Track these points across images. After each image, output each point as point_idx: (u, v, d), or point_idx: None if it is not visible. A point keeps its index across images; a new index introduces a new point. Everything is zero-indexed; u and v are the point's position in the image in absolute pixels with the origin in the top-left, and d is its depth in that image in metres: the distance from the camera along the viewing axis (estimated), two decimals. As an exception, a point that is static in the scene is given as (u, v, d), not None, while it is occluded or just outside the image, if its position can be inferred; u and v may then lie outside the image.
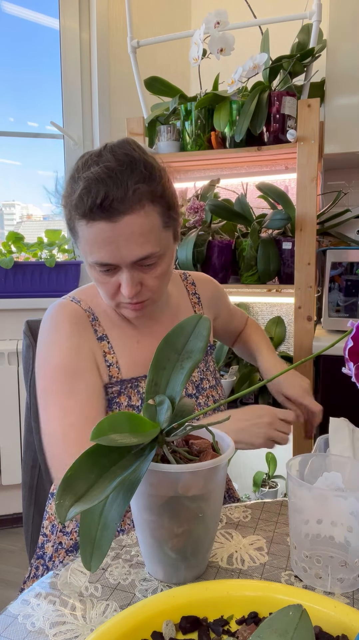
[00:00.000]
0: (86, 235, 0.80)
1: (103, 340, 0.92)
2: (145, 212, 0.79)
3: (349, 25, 1.65)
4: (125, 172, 0.78)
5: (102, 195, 0.76)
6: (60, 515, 0.48)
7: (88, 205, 0.77)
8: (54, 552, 0.92)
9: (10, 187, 2.41)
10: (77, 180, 0.80)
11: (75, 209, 0.79)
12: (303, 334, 1.64)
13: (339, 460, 0.70)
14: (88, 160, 0.80)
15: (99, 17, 2.20)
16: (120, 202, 0.77)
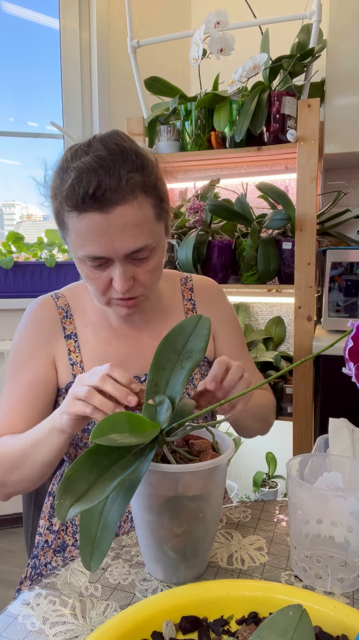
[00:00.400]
0: (77, 227, 0.77)
1: (70, 338, 0.91)
2: (138, 203, 0.77)
3: (349, 25, 1.65)
4: (117, 162, 0.75)
5: (95, 185, 0.73)
6: (60, 515, 0.48)
7: (80, 195, 0.74)
8: (40, 550, 0.92)
9: (10, 187, 2.42)
10: (66, 171, 0.76)
11: (66, 199, 0.76)
12: (303, 334, 1.64)
13: (339, 460, 0.70)
14: (77, 150, 0.78)
15: (99, 17, 2.20)
16: (113, 192, 0.74)
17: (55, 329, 0.92)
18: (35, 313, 0.93)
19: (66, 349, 0.91)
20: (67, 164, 0.77)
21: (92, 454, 0.53)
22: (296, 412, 1.68)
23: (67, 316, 0.93)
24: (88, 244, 0.77)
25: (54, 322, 0.92)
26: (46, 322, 0.92)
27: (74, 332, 0.92)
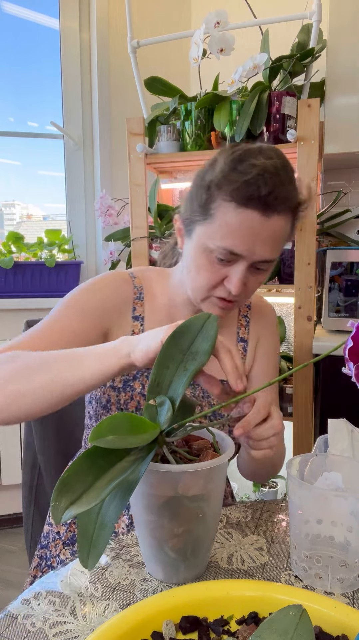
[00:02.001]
0: (228, 219, 0.79)
1: (137, 320, 0.92)
2: (286, 219, 0.81)
3: (349, 25, 1.65)
4: (289, 176, 0.80)
5: (270, 188, 0.76)
6: (55, 517, 0.48)
7: (253, 191, 0.76)
8: (52, 541, 0.92)
9: (10, 187, 2.42)
10: (243, 163, 0.78)
11: (233, 190, 0.77)
12: (303, 334, 1.64)
13: (339, 460, 0.70)
14: (250, 150, 0.80)
15: (99, 17, 2.20)
16: (281, 202, 0.78)
17: (126, 306, 0.92)
18: (114, 281, 0.93)
19: (130, 329, 0.91)
20: (244, 157, 0.79)
21: (89, 455, 0.53)
22: (296, 412, 1.68)
23: (139, 298, 0.93)
24: (234, 237, 0.79)
25: (127, 300, 0.92)
26: (120, 295, 0.92)
27: (142, 316, 0.92)
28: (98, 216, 2.06)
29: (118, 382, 0.91)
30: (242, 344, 1.00)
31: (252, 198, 0.76)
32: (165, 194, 2.21)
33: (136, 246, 1.82)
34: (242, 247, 0.79)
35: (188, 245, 0.87)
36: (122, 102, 2.27)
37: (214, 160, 0.83)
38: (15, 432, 2.14)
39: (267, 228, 0.79)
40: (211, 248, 0.81)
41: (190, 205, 0.85)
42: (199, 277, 0.85)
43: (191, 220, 0.85)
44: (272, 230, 0.79)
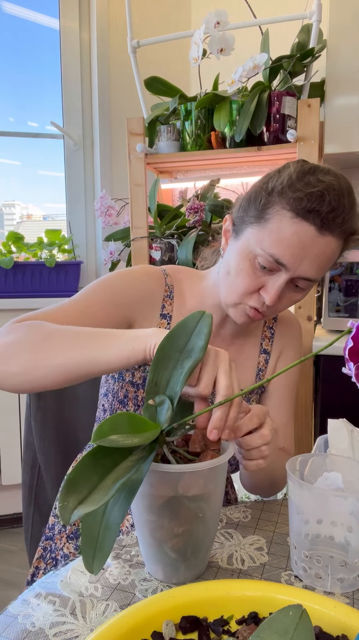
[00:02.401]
0: (283, 227, 0.78)
1: (165, 318, 0.91)
2: (337, 243, 0.80)
3: (349, 25, 1.65)
4: (352, 201, 0.80)
5: (332, 207, 0.76)
6: (64, 518, 0.48)
7: (313, 206, 0.76)
8: (57, 534, 0.93)
9: (10, 187, 2.42)
10: (311, 175, 0.79)
11: (295, 200, 0.77)
12: (303, 334, 1.63)
13: (339, 460, 0.70)
14: (322, 167, 0.81)
15: (99, 17, 2.20)
16: (339, 223, 0.78)
17: (156, 302, 0.91)
18: (149, 276, 0.92)
19: (157, 326, 0.90)
20: (314, 171, 0.80)
21: (93, 455, 0.53)
22: (296, 412, 1.68)
23: (169, 296, 0.92)
24: (283, 247, 0.78)
25: (158, 296, 0.91)
26: (153, 291, 0.91)
27: (170, 315, 0.91)
28: (98, 216, 2.06)
29: (137, 378, 0.90)
30: (264, 356, 0.98)
31: (312, 211, 0.76)
32: (165, 194, 2.21)
33: (136, 246, 1.82)
34: (289, 258, 0.78)
35: (233, 246, 0.85)
36: (122, 102, 2.27)
37: (283, 168, 0.83)
38: (15, 432, 2.14)
39: (318, 246, 0.78)
40: (256, 253, 0.80)
41: (246, 206, 0.84)
42: (237, 281, 0.83)
43: (244, 221, 0.83)
44: (323, 249, 0.78)
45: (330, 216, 0.76)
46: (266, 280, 0.81)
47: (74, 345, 0.69)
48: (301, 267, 0.79)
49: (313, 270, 0.80)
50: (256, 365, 0.98)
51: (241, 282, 0.83)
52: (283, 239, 0.78)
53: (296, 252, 0.78)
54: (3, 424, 2.13)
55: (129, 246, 1.86)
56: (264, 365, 0.98)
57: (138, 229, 1.80)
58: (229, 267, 0.85)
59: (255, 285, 0.82)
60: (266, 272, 0.81)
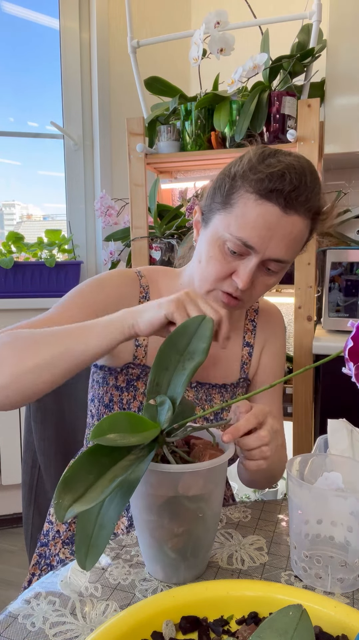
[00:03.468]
0: (247, 210, 0.78)
1: None
2: (304, 223, 0.80)
3: (349, 25, 1.65)
4: (314, 180, 0.80)
5: (294, 185, 0.76)
6: (58, 515, 0.48)
7: (275, 186, 0.76)
8: (51, 540, 0.92)
9: (10, 187, 2.42)
10: (270, 158, 0.79)
11: (257, 181, 0.77)
12: (303, 334, 1.64)
13: (339, 460, 0.70)
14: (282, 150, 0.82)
15: (99, 17, 2.20)
16: (301, 202, 0.78)
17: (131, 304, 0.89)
18: (120, 278, 0.92)
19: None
20: (274, 153, 0.80)
21: (91, 453, 0.53)
22: (296, 412, 1.68)
23: (145, 297, 0.92)
24: (250, 229, 0.78)
25: (133, 298, 0.91)
26: (125, 293, 0.91)
27: None
28: (98, 216, 2.06)
29: (121, 381, 0.90)
30: (247, 349, 0.99)
31: (274, 191, 0.76)
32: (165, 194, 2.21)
33: (136, 246, 1.82)
34: (256, 239, 0.78)
35: (203, 236, 0.86)
36: (122, 102, 2.27)
37: (244, 154, 0.83)
38: (15, 432, 2.14)
39: (284, 225, 0.78)
40: (225, 238, 0.80)
41: (212, 194, 0.85)
42: (208, 267, 0.83)
43: (211, 209, 0.84)
44: (289, 229, 0.79)
45: (293, 194, 0.76)
46: (237, 265, 0.81)
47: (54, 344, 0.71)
48: (270, 248, 0.79)
49: (282, 250, 0.80)
50: (239, 359, 0.98)
51: (212, 268, 0.83)
52: (248, 222, 0.78)
53: (262, 233, 0.78)
54: (3, 424, 2.13)
55: (129, 246, 1.86)
56: (248, 359, 0.98)
57: (138, 229, 1.80)
58: (200, 256, 0.85)
59: (226, 270, 0.82)
60: (237, 256, 0.81)
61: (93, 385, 0.96)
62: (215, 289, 0.84)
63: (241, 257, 0.81)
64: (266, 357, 1.01)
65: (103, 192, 2.06)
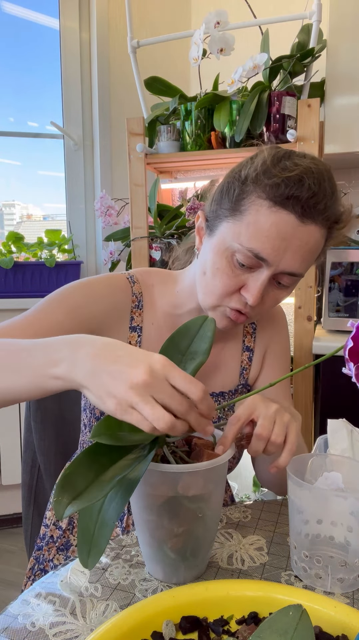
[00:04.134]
0: (260, 217, 0.71)
1: (135, 331, 0.85)
2: (321, 232, 0.74)
3: (349, 25, 1.65)
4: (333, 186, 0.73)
5: (312, 193, 0.69)
6: (57, 513, 0.48)
7: (292, 192, 0.69)
8: (45, 545, 0.92)
9: (10, 187, 2.42)
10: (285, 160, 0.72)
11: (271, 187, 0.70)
12: (303, 334, 1.64)
13: (339, 460, 0.70)
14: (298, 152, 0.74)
15: (99, 17, 2.20)
16: (321, 210, 0.71)
17: (123, 314, 0.84)
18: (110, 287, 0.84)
19: (127, 340, 0.84)
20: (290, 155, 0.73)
21: (91, 452, 0.53)
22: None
23: (138, 306, 0.85)
24: (262, 240, 0.71)
25: (124, 308, 0.85)
26: (115, 303, 0.84)
27: (140, 326, 0.85)
28: (98, 216, 2.06)
29: None
30: (247, 354, 0.93)
31: (291, 198, 0.69)
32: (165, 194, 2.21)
33: (136, 246, 1.82)
34: (269, 251, 0.71)
35: (208, 244, 0.78)
36: (122, 102, 2.27)
37: (256, 154, 0.75)
38: (15, 432, 2.14)
39: (300, 236, 0.71)
40: (234, 249, 0.73)
41: (218, 199, 0.77)
42: (215, 281, 0.76)
43: (217, 215, 0.77)
44: (306, 239, 0.71)
45: (311, 202, 0.70)
46: (247, 278, 0.74)
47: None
48: (284, 261, 0.72)
49: (297, 263, 0.73)
50: (239, 364, 0.92)
51: (219, 282, 0.76)
52: (261, 231, 0.71)
53: (276, 245, 0.71)
54: (3, 424, 2.13)
55: (129, 246, 1.86)
56: (248, 364, 0.93)
57: (138, 229, 1.80)
58: (205, 267, 0.78)
59: (235, 284, 0.75)
60: (246, 269, 0.74)
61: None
62: (221, 305, 0.77)
63: (252, 269, 0.74)
64: (270, 360, 0.94)
65: (103, 192, 2.06)
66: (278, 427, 0.64)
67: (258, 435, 0.64)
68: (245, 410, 0.65)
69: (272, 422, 0.64)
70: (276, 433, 0.64)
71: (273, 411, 0.65)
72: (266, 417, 0.64)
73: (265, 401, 0.66)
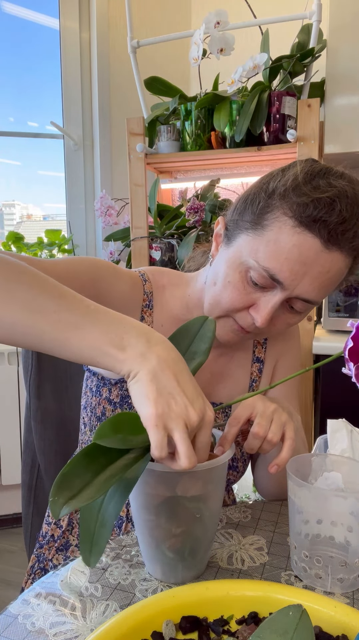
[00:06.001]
0: (282, 237, 0.66)
1: None
2: (345, 262, 0.69)
3: (349, 25, 1.65)
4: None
5: (342, 218, 0.65)
6: (53, 512, 0.48)
7: (320, 215, 0.64)
8: (46, 544, 0.92)
9: (10, 187, 2.42)
10: (319, 178, 0.67)
11: (299, 206, 0.65)
12: (303, 334, 1.64)
13: (339, 460, 0.70)
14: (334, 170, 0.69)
15: (99, 17, 2.20)
16: (348, 238, 0.66)
17: (134, 311, 0.81)
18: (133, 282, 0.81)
19: None
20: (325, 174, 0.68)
21: (89, 452, 0.53)
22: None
23: (148, 306, 0.82)
24: (281, 261, 0.66)
25: (137, 305, 0.81)
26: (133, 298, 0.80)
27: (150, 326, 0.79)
28: (98, 216, 2.06)
29: (115, 395, 0.84)
30: (258, 365, 0.89)
31: (318, 221, 0.65)
32: (165, 194, 2.21)
33: (136, 246, 1.82)
34: (287, 274, 0.66)
35: (223, 254, 0.74)
36: (122, 102, 2.27)
37: (289, 167, 0.71)
38: (15, 432, 2.14)
39: (323, 262, 0.66)
40: (249, 265, 0.69)
41: (242, 208, 0.73)
42: (223, 294, 0.72)
43: (238, 225, 0.72)
44: (328, 266, 0.67)
45: (340, 228, 0.65)
46: (258, 297, 0.70)
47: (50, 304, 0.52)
48: (300, 286, 0.68)
49: (314, 290, 0.68)
50: (249, 376, 0.89)
51: (228, 296, 0.71)
52: (281, 252, 0.66)
53: (295, 269, 0.66)
54: (3, 424, 2.13)
55: (129, 246, 1.86)
56: (258, 376, 0.89)
57: (138, 229, 1.80)
58: (216, 277, 0.74)
59: (244, 302, 0.71)
60: (259, 288, 0.70)
61: (86, 391, 0.89)
62: (228, 316, 0.74)
63: (265, 289, 0.69)
64: (281, 372, 0.91)
65: (103, 192, 2.06)
66: (275, 426, 0.64)
67: (254, 433, 0.64)
68: (244, 411, 0.65)
69: (269, 420, 0.64)
70: (273, 431, 0.64)
71: (271, 410, 0.65)
72: (264, 416, 0.64)
73: (264, 401, 0.66)
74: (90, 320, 0.52)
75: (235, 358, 0.89)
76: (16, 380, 2.11)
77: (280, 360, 0.91)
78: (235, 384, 0.88)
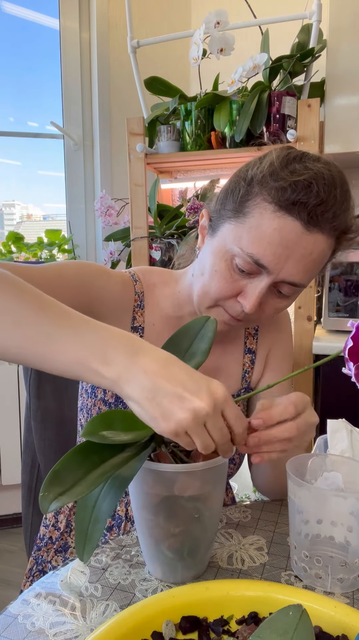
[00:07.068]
0: (264, 223, 0.67)
1: (137, 331, 0.82)
2: (328, 242, 0.69)
3: (349, 25, 1.65)
4: (345, 193, 0.70)
5: (320, 200, 0.66)
6: (42, 507, 0.48)
7: (299, 198, 0.65)
8: (44, 546, 0.92)
9: (10, 187, 2.42)
10: (295, 163, 0.68)
11: (278, 190, 0.66)
12: (303, 334, 1.64)
13: (339, 460, 0.70)
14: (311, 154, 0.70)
15: (99, 17, 2.20)
16: (329, 218, 0.67)
17: (127, 312, 0.82)
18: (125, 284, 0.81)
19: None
20: (301, 158, 0.69)
21: (82, 449, 0.53)
22: (296, 412, 1.68)
23: (140, 306, 0.83)
24: (264, 246, 0.67)
25: (129, 306, 0.82)
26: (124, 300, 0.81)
27: (142, 327, 0.82)
28: (98, 216, 2.06)
29: (109, 396, 0.85)
30: (249, 356, 0.90)
31: (297, 203, 0.66)
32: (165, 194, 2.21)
33: (136, 246, 1.82)
34: (271, 258, 0.68)
35: (209, 245, 0.76)
36: (122, 102, 2.27)
37: (266, 154, 0.72)
38: (15, 432, 2.14)
39: (305, 244, 0.67)
40: (234, 252, 0.70)
41: (223, 198, 0.74)
42: (211, 283, 0.73)
43: (220, 215, 0.74)
44: (310, 248, 0.68)
45: (319, 210, 0.66)
46: (245, 284, 0.71)
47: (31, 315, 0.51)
48: (285, 270, 0.69)
49: (299, 273, 0.69)
50: (241, 367, 0.89)
51: (215, 285, 0.72)
52: (263, 237, 0.67)
53: (278, 252, 0.67)
54: (3, 424, 2.13)
55: (129, 246, 1.86)
56: (250, 367, 0.90)
57: (138, 229, 1.80)
58: (203, 268, 0.75)
59: (232, 289, 0.72)
60: (245, 275, 0.71)
61: (82, 393, 0.90)
62: (217, 306, 0.75)
63: (251, 276, 0.71)
64: (273, 362, 0.91)
65: (103, 192, 2.06)
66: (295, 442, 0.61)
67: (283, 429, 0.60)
68: (298, 406, 0.62)
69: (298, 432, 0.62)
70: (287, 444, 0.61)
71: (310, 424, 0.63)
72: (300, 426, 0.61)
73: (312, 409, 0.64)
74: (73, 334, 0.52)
75: (228, 351, 0.90)
76: (16, 380, 2.11)
77: (272, 350, 0.92)
78: (228, 376, 0.89)
